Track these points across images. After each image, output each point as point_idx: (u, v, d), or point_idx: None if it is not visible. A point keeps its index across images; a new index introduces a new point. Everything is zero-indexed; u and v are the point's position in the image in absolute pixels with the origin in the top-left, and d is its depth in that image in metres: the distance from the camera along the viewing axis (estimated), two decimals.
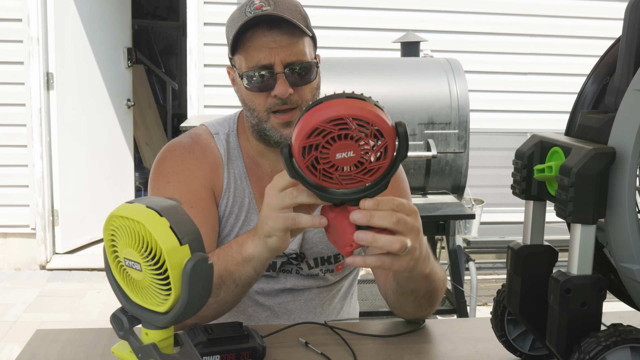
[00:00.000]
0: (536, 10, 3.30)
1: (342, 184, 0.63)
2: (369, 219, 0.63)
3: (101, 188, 3.46)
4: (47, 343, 0.86)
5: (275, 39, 0.87)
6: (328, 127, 0.59)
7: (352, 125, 0.59)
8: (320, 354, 0.82)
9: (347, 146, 0.60)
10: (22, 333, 2.46)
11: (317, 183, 0.63)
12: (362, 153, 0.60)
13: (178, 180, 0.94)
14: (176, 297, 0.56)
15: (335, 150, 0.60)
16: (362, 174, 0.62)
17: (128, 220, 0.56)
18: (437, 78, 2.22)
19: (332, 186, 0.63)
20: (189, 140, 0.98)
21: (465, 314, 2.23)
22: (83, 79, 3.33)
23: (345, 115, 0.59)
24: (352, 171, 0.61)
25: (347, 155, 0.60)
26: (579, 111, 0.72)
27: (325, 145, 0.60)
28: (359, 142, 0.60)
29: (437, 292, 0.87)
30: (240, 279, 0.82)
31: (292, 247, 0.98)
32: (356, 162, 0.61)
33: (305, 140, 0.60)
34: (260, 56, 0.87)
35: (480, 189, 2.71)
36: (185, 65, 3.31)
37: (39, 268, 3.22)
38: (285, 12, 0.87)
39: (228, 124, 1.01)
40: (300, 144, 0.60)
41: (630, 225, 0.61)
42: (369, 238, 0.63)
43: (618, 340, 0.61)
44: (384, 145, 0.60)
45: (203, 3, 3.12)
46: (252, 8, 0.87)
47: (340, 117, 0.59)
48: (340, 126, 0.59)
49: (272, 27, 0.87)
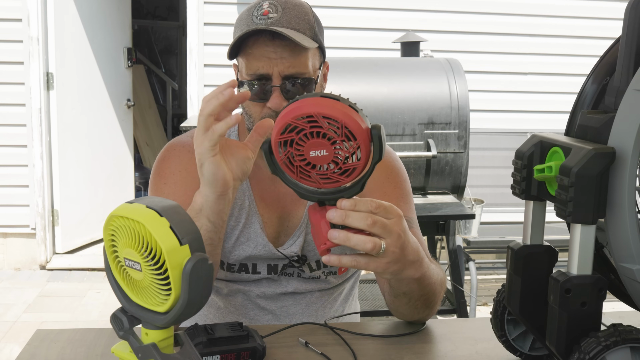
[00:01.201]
0: (536, 10, 3.30)
1: (320, 183, 0.64)
2: (344, 218, 0.64)
3: (101, 188, 3.46)
4: (47, 343, 0.86)
5: (276, 49, 0.85)
6: (300, 123, 0.61)
7: (323, 123, 0.61)
8: (320, 354, 0.82)
9: (321, 145, 0.61)
10: (22, 333, 2.45)
11: (295, 180, 0.65)
12: (335, 152, 0.62)
13: (174, 181, 0.94)
14: (176, 297, 0.56)
15: (309, 147, 0.62)
16: (338, 174, 0.63)
17: (128, 220, 0.56)
18: (437, 78, 2.22)
19: (310, 184, 0.64)
20: (190, 139, 0.98)
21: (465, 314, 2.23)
22: (83, 79, 3.33)
23: (315, 113, 0.61)
24: (328, 170, 0.63)
25: (321, 153, 0.62)
26: (578, 111, 0.72)
27: (299, 142, 0.62)
28: (331, 141, 0.61)
29: (434, 296, 0.87)
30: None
31: (294, 250, 0.98)
32: (330, 160, 0.62)
33: (279, 136, 0.62)
34: (259, 65, 0.86)
35: (480, 189, 2.71)
36: (185, 65, 3.31)
37: (39, 268, 3.22)
38: (292, 20, 0.86)
39: None
40: (275, 140, 0.63)
41: (630, 225, 0.61)
42: (341, 237, 0.64)
43: (618, 340, 0.61)
44: (355, 146, 0.62)
45: (203, 3, 3.12)
46: (259, 13, 0.86)
47: (310, 115, 0.61)
48: (312, 124, 0.61)
49: (274, 38, 0.85)
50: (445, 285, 0.93)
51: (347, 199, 0.65)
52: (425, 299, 0.85)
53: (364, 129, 0.62)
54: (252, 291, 0.99)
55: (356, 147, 0.62)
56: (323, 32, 0.93)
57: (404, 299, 0.85)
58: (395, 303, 0.88)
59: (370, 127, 0.63)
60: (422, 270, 0.78)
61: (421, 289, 0.82)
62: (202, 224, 0.80)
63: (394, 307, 0.90)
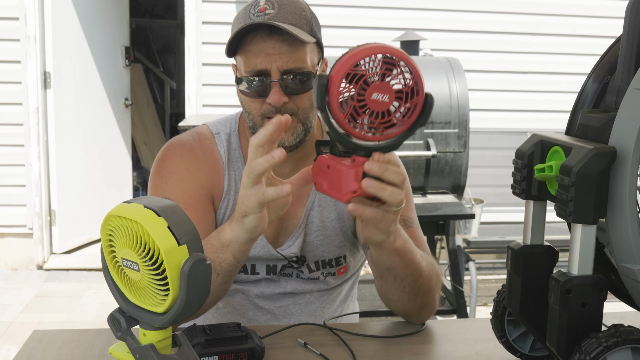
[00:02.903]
0: (536, 9, 3.29)
1: (362, 130, 0.64)
2: (383, 171, 0.66)
3: (99, 188, 3.45)
4: (44, 344, 0.85)
5: (274, 45, 0.85)
6: (379, 60, 0.61)
7: (399, 68, 0.62)
8: (319, 354, 0.82)
9: (386, 89, 0.62)
10: (19, 334, 2.45)
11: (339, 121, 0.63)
12: (394, 102, 0.62)
13: (175, 180, 0.93)
14: (174, 297, 0.55)
15: (374, 89, 0.62)
16: (384, 125, 0.64)
17: (126, 220, 0.55)
18: (437, 77, 2.22)
19: (351, 131, 0.64)
20: (191, 139, 0.98)
21: (465, 314, 2.23)
22: (80, 78, 3.32)
23: (398, 56, 0.62)
24: (376, 119, 0.63)
25: (382, 99, 0.62)
26: (579, 110, 0.72)
27: (367, 81, 0.62)
28: (396, 90, 0.62)
29: (422, 280, 0.86)
30: (221, 267, 0.82)
31: (293, 251, 0.98)
32: (386, 109, 0.63)
33: (352, 68, 0.61)
34: (258, 61, 0.86)
35: (480, 189, 2.70)
36: (183, 64, 3.30)
37: (36, 268, 3.21)
38: (289, 16, 0.86)
39: (229, 124, 1.00)
40: (345, 71, 0.61)
41: (631, 225, 0.60)
42: (376, 186, 0.66)
43: (619, 340, 0.61)
44: (414, 102, 0.63)
45: (201, 2, 3.11)
46: (256, 10, 0.86)
47: (392, 56, 0.62)
48: (388, 65, 0.62)
49: (272, 33, 0.85)
50: (440, 278, 0.92)
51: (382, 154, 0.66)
52: (412, 280, 0.85)
53: (424, 91, 0.63)
54: (251, 291, 0.99)
55: (415, 103, 0.63)
56: (320, 28, 0.93)
57: (390, 277, 0.84)
58: (383, 287, 0.87)
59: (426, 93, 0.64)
60: (402, 241, 0.80)
61: (405, 265, 0.83)
62: (226, 258, 0.81)
63: (384, 292, 0.89)
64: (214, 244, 0.81)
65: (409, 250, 0.83)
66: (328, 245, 0.99)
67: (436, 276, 0.91)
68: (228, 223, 0.80)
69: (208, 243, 0.82)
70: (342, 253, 1.01)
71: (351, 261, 1.03)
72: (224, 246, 0.80)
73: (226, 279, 0.84)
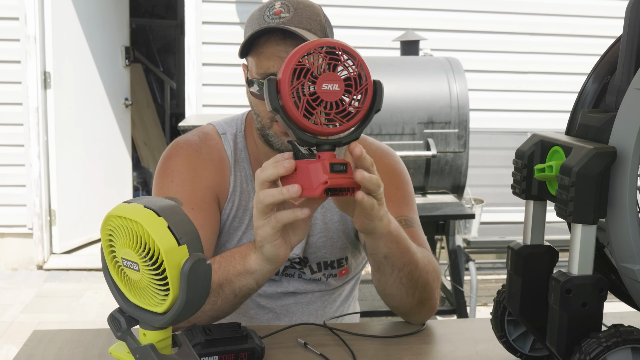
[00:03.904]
0: (536, 9, 3.29)
1: (320, 124, 0.65)
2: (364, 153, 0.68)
3: (99, 188, 3.45)
4: (44, 344, 0.85)
5: (287, 49, 0.85)
6: (320, 52, 0.64)
7: (342, 57, 0.64)
8: (320, 354, 0.82)
9: (334, 79, 0.64)
10: (19, 334, 2.45)
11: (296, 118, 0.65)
12: (344, 89, 0.64)
13: (182, 180, 0.93)
14: (174, 297, 0.55)
15: (322, 80, 0.64)
16: (340, 115, 0.66)
17: (126, 220, 0.55)
18: (437, 77, 2.21)
19: (310, 126, 0.65)
20: (197, 139, 0.97)
21: (465, 314, 2.23)
22: (80, 78, 3.32)
23: (338, 46, 0.65)
24: (332, 110, 0.65)
25: (332, 88, 0.64)
26: (579, 110, 0.72)
27: (314, 73, 0.64)
28: (344, 77, 0.64)
29: (418, 271, 0.86)
30: (241, 290, 0.81)
31: (296, 252, 0.98)
32: (339, 98, 0.65)
33: (297, 63, 0.64)
34: (270, 64, 0.86)
35: (480, 189, 2.70)
36: (183, 64, 3.30)
37: (36, 268, 3.21)
38: (304, 21, 0.86)
39: (236, 124, 1.00)
40: (291, 67, 0.64)
41: (631, 225, 0.60)
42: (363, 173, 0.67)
43: (619, 341, 0.61)
44: (364, 87, 0.65)
45: (201, 2, 3.11)
46: (271, 12, 0.86)
47: (333, 46, 0.64)
48: (331, 55, 0.64)
49: (285, 37, 0.85)
50: (438, 275, 0.92)
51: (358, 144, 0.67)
52: (409, 271, 0.84)
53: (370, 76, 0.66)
54: None
55: (364, 88, 0.65)
56: (334, 34, 0.93)
57: (387, 267, 0.83)
58: (381, 280, 0.86)
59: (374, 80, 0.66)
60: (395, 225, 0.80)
61: (401, 254, 0.82)
62: (248, 283, 0.80)
63: (382, 287, 0.88)
64: (237, 268, 0.80)
65: (403, 237, 0.83)
66: (330, 247, 0.99)
67: (434, 272, 0.90)
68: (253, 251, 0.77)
69: (231, 265, 0.81)
70: (344, 255, 1.01)
71: (352, 263, 1.03)
72: (248, 272, 0.79)
73: (242, 300, 0.84)
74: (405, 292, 0.87)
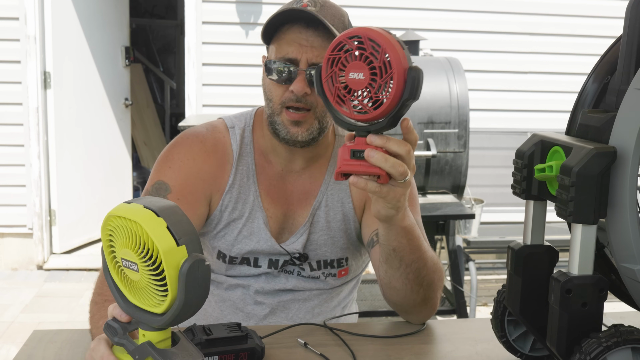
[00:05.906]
0: (536, 9, 3.29)
1: (352, 111, 0.68)
2: (385, 142, 0.68)
3: (99, 188, 3.45)
4: (44, 344, 0.85)
5: (308, 38, 0.89)
6: (349, 42, 0.66)
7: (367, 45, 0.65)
8: (320, 354, 0.82)
9: (360, 67, 0.66)
10: (19, 334, 2.45)
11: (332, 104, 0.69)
12: (370, 77, 0.65)
13: (179, 168, 0.95)
14: (173, 298, 0.55)
15: (350, 69, 0.66)
16: (369, 104, 0.67)
17: (125, 220, 0.55)
18: (437, 77, 2.21)
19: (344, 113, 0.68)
20: (205, 131, 1.00)
21: (465, 314, 2.23)
22: (80, 78, 3.32)
23: (363, 34, 0.65)
24: (362, 98, 0.67)
25: (358, 76, 0.66)
26: (579, 110, 0.72)
27: (343, 62, 0.66)
28: (370, 66, 0.65)
29: (426, 270, 0.86)
30: None
31: (296, 247, 0.98)
32: (365, 85, 0.66)
33: (330, 53, 0.67)
34: (290, 49, 0.90)
35: (480, 189, 2.70)
36: (183, 64, 3.30)
37: (36, 268, 3.21)
38: (329, 17, 0.90)
39: (245, 119, 1.03)
40: (327, 56, 0.68)
41: (632, 225, 0.60)
42: (379, 157, 0.68)
43: (619, 340, 0.61)
44: (389, 75, 0.65)
45: (201, 2, 3.11)
46: (299, 5, 0.90)
47: (359, 35, 0.66)
48: (359, 44, 0.66)
49: (309, 26, 0.89)
50: (442, 276, 0.92)
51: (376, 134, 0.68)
52: (416, 268, 0.85)
53: (402, 63, 0.65)
54: (252, 286, 1.00)
55: (389, 77, 0.65)
56: None
57: (396, 261, 0.84)
58: (388, 273, 0.86)
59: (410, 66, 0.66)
60: (411, 222, 0.81)
61: (411, 250, 0.83)
62: None
63: (388, 280, 0.88)
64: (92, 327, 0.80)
65: (417, 235, 0.83)
66: (331, 246, 1.00)
67: (439, 272, 0.91)
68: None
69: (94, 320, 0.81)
70: (345, 255, 1.01)
71: (353, 264, 1.03)
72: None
73: None
74: (410, 289, 0.87)
